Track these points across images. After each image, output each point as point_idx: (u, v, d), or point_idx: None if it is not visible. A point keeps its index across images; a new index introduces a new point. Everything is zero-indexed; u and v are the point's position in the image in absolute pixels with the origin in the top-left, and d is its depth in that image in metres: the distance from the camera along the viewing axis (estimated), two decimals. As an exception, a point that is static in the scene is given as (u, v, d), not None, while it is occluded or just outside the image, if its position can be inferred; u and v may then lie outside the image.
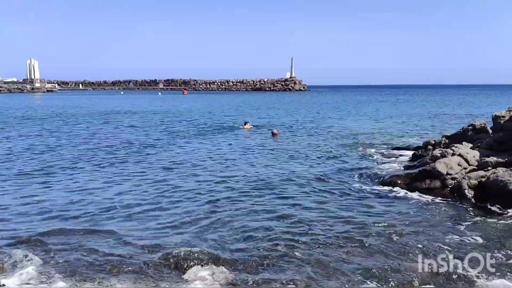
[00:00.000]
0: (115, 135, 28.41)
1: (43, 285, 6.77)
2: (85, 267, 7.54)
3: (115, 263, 7.73)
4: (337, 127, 33.15)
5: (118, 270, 7.45)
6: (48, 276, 7.14)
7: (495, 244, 8.89)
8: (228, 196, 12.62)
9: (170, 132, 29.87)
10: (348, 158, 19.13)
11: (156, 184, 14.07)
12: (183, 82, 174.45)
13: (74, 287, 6.75)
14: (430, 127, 32.79)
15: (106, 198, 12.37)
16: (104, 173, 15.86)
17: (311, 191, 13.37)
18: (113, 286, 6.83)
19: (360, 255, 8.37)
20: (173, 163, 17.96)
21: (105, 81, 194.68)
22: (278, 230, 9.73)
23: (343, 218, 10.67)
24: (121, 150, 21.56)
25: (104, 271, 7.42)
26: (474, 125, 17.25)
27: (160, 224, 10.17)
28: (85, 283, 6.89)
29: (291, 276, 7.37)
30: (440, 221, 10.49)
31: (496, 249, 8.56)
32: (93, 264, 7.69)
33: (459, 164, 13.57)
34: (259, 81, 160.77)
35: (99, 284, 6.86)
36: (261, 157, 19.46)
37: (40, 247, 8.52)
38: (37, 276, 7.13)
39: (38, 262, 7.66)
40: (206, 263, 7.75)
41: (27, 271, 7.21)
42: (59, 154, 20.12)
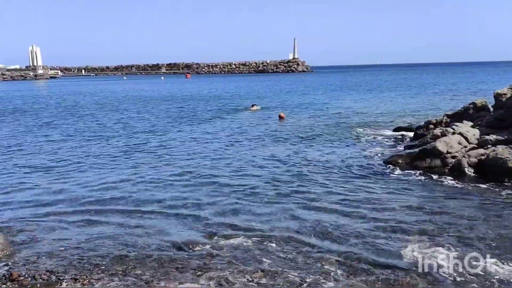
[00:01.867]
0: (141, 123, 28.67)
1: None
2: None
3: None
4: (340, 108, 33.23)
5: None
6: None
7: (495, 221, 9.09)
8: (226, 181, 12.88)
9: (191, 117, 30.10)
10: (350, 139, 19.28)
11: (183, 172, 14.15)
12: (185, 66, 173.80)
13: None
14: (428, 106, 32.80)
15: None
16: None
17: (313, 171, 13.59)
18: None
19: (359, 232, 8.62)
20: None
21: (107, 67, 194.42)
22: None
23: (342, 196, 10.98)
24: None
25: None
26: (475, 103, 17.31)
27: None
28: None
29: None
30: (437, 200, 10.68)
31: (496, 227, 8.76)
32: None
33: (459, 142, 13.70)
34: (261, 63, 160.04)
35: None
36: (273, 141, 19.69)
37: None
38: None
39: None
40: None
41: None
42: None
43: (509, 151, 12.28)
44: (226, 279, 6.59)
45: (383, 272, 6.93)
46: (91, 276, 6.61)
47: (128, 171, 14.07)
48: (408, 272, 6.91)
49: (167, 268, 6.98)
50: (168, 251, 7.76)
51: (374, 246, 7.93)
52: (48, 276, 6.59)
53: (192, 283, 6.44)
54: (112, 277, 6.60)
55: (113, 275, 6.70)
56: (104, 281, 6.46)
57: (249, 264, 7.16)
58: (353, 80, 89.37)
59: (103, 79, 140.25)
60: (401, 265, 7.16)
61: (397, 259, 7.40)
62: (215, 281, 6.52)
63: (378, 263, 7.24)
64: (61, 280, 6.46)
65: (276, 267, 7.05)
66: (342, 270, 7.02)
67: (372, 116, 27.74)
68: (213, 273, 6.76)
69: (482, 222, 9.03)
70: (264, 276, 6.74)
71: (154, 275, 6.68)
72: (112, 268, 6.96)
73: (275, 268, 7.02)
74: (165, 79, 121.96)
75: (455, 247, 7.79)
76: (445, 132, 14.43)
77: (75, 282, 6.41)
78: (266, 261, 7.28)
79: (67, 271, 6.79)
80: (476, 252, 7.49)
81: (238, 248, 7.84)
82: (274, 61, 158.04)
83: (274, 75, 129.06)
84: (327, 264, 7.22)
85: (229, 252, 7.66)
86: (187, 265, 7.14)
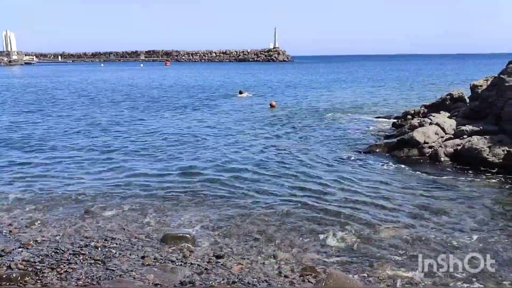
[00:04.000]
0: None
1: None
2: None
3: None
4: (320, 97, 33.43)
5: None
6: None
7: (468, 209, 9.34)
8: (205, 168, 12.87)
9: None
10: (330, 129, 19.41)
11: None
12: (165, 53, 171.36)
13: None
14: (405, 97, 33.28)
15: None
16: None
17: (292, 160, 13.67)
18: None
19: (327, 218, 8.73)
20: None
21: (85, 53, 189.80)
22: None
23: (317, 185, 11.08)
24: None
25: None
26: (452, 95, 17.64)
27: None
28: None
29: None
30: (414, 188, 10.89)
31: (468, 216, 9.01)
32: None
33: (436, 133, 13.96)
34: (242, 52, 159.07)
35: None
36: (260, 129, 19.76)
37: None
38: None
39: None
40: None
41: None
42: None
43: (483, 142, 12.59)
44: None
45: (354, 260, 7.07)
46: (69, 266, 6.52)
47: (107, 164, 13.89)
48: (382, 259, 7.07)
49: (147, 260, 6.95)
50: (150, 246, 7.72)
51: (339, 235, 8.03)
52: (24, 266, 6.48)
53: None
54: (90, 267, 6.53)
55: (92, 264, 6.63)
56: (82, 270, 6.39)
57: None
58: (333, 71, 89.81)
59: (80, 65, 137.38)
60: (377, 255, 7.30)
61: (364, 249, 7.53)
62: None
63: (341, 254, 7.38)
64: (37, 269, 6.36)
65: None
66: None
67: (353, 104, 28.05)
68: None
69: (455, 210, 9.26)
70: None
71: (133, 268, 6.62)
72: (90, 257, 6.88)
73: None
74: (144, 66, 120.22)
75: (426, 235, 7.97)
76: (423, 122, 14.68)
77: (52, 271, 6.32)
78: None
79: (43, 261, 6.68)
80: (441, 244, 7.67)
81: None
82: (254, 50, 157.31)
83: (254, 64, 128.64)
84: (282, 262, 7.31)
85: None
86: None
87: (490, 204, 9.63)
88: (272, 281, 6.23)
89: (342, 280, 6.02)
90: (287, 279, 6.33)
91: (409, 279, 6.48)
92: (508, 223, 8.60)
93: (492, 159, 12.08)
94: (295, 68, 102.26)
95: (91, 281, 6.08)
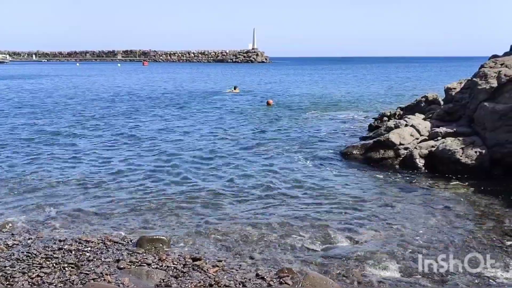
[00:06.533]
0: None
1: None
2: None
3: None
4: (300, 96, 33.64)
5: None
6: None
7: (442, 210, 9.54)
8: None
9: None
10: (306, 129, 19.50)
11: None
12: (142, 53, 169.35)
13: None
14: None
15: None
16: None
17: (268, 161, 13.70)
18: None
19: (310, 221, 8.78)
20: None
21: (60, 52, 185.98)
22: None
23: (296, 188, 11.11)
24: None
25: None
26: (427, 97, 17.97)
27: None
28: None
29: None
30: (389, 189, 11.06)
31: (441, 216, 9.19)
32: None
33: (412, 134, 14.17)
34: (221, 53, 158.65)
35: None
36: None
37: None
38: None
39: None
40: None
41: None
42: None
43: (457, 143, 12.85)
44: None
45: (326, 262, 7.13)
46: (41, 270, 6.36)
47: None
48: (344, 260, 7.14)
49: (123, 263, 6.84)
50: (125, 249, 7.61)
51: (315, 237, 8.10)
52: (-6, 271, 6.29)
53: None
54: (63, 271, 6.38)
55: (65, 268, 6.49)
56: (54, 274, 6.24)
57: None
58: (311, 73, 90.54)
59: (54, 64, 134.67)
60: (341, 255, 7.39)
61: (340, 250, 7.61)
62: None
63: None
64: (8, 274, 6.18)
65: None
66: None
67: (331, 104, 28.41)
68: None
69: (427, 211, 9.45)
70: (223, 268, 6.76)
71: (108, 271, 6.51)
72: (64, 261, 6.73)
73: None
74: (121, 66, 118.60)
75: (400, 237, 8.09)
76: (398, 124, 14.89)
77: (23, 275, 6.16)
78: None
79: (14, 265, 6.50)
80: (416, 244, 7.80)
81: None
82: (233, 50, 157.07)
83: (233, 65, 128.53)
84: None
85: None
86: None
87: (464, 205, 9.86)
88: (248, 283, 6.21)
89: (319, 281, 6.06)
90: (264, 281, 6.32)
91: (385, 279, 6.57)
92: (476, 223, 8.83)
93: (465, 160, 12.34)
94: (275, 69, 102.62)
95: (64, 285, 5.96)
